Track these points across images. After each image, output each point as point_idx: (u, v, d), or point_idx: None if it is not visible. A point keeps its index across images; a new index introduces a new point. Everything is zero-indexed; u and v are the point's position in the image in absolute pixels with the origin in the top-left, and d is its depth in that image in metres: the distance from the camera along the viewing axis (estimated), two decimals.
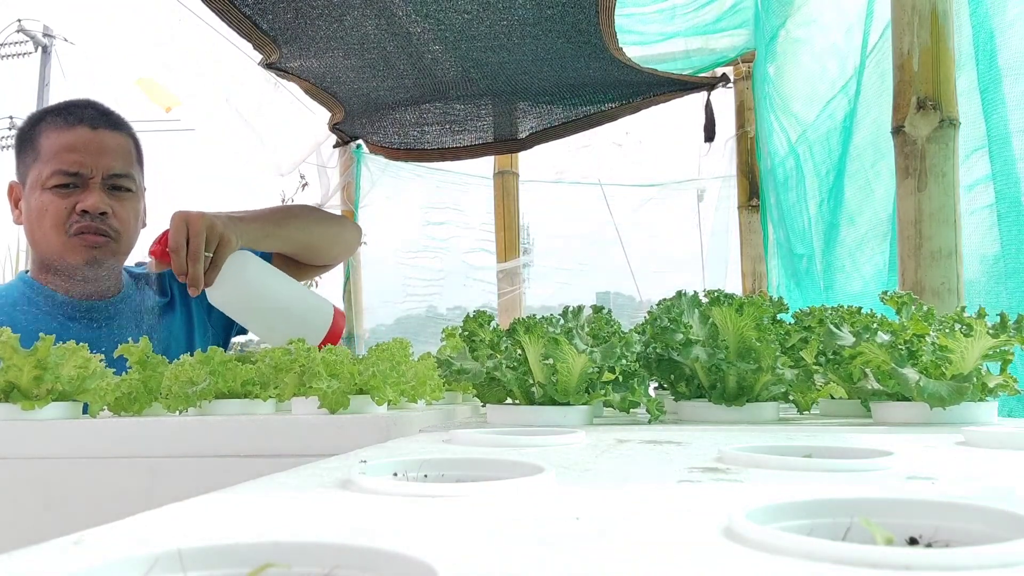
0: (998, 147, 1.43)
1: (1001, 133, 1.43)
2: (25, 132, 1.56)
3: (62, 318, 1.54)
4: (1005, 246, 1.42)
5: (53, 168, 1.48)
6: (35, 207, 1.50)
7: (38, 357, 0.98)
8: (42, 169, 1.49)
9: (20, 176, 1.56)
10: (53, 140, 1.51)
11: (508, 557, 0.30)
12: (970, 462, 0.56)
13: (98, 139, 1.53)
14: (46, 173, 1.48)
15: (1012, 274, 1.40)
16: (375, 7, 1.93)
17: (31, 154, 1.52)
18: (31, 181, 1.52)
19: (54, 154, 1.49)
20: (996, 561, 0.27)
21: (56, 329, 1.28)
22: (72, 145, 1.50)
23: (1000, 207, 1.43)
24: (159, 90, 3.38)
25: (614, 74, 2.40)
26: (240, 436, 0.89)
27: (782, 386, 0.95)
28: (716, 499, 0.43)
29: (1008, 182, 1.41)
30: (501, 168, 3.96)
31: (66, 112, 1.54)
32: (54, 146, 1.50)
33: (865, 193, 2.10)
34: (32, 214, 1.51)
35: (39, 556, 0.31)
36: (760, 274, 3.23)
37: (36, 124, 1.55)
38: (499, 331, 0.97)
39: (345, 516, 0.39)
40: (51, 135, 1.51)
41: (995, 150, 1.43)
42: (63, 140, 1.50)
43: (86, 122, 1.53)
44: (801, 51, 2.59)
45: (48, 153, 1.50)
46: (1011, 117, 1.41)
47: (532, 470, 0.47)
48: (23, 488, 0.91)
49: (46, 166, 1.49)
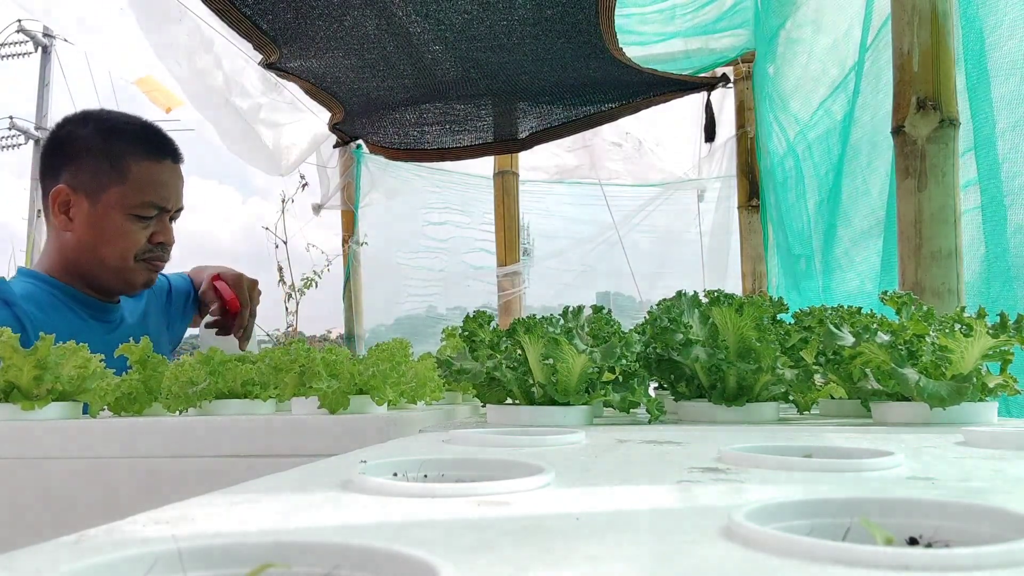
0: (984, 149, 1.43)
1: (987, 135, 1.43)
2: (93, 142, 1.55)
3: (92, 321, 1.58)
4: (990, 248, 1.42)
5: (145, 199, 1.53)
6: (111, 228, 1.53)
7: (38, 357, 0.98)
8: (128, 194, 1.52)
9: (80, 186, 1.53)
10: (145, 170, 1.55)
11: (508, 557, 0.30)
12: (970, 462, 0.56)
13: (177, 174, 1.61)
14: (135, 201, 1.53)
15: (996, 275, 1.41)
16: (375, 7, 1.93)
17: (110, 173, 1.53)
18: (109, 201, 1.52)
19: (146, 185, 1.54)
20: (996, 561, 0.27)
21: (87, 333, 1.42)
22: (164, 181, 1.57)
23: (986, 209, 1.43)
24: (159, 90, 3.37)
25: (614, 74, 2.40)
26: (240, 436, 0.89)
27: (782, 386, 0.95)
28: (716, 499, 0.43)
29: (993, 183, 1.42)
30: (501, 168, 3.96)
31: (151, 142, 1.58)
32: (146, 177, 1.54)
33: (862, 193, 2.10)
34: (104, 233, 1.53)
35: (39, 556, 0.31)
36: (760, 274, 3.23)
37: (110, 139, 1.55)
38: (499, 331, 0.97)
39: (345, 516, 0.39)
40: (142, 164, 1.55)
41: (981, 152, 1.43)
42: (155, 173, 1.56)
43: (169, 156, 1.59)
44: (800, 51, 2.59)
45: (138, 182, 1.53)
46: (998, 118, 1.41)
47: (532, 470, 0.47)
48: (23, 488, 0.91)
49: (136, 194, 1.53)
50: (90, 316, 1.57)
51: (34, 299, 1.50)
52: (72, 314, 1.54)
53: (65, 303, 1.54)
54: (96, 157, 1.53)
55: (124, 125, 1.60)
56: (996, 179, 1.41)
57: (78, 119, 1.60)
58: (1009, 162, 1.39)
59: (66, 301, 1.55)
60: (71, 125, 1.58)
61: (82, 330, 1.51)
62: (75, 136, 1.56)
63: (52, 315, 1.50)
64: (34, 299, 1.50)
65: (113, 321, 1.62)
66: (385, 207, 4.28)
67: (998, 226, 1.41)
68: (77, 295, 1.57)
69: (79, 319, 1.55)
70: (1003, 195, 1.40)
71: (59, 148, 1.57)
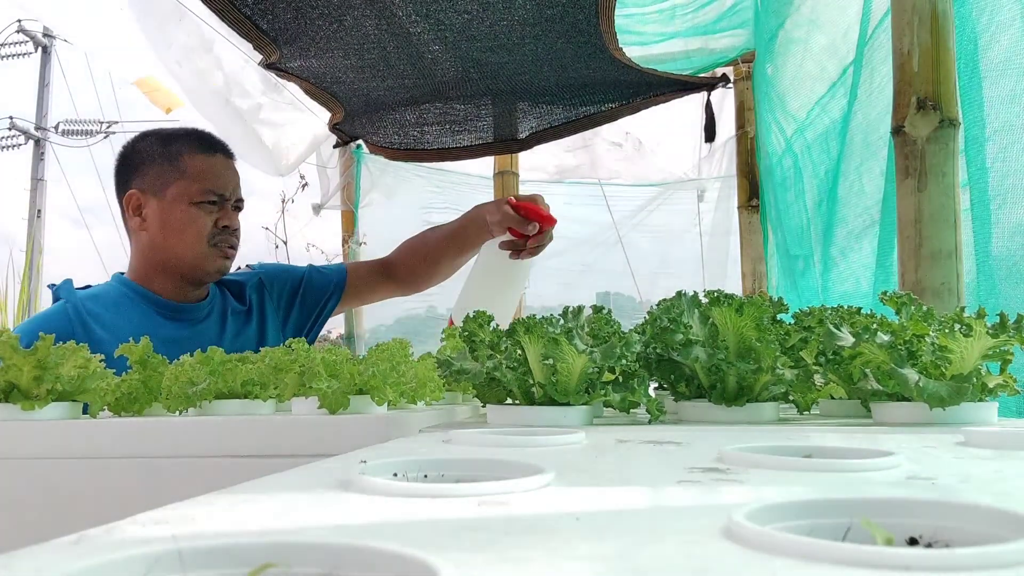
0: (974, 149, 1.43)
1: (978, 135, 1.43)
2: (154, 148, 1.74)
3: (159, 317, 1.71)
4: (979, 248, 1.42)
5: (204, 187, 1.70)
6: (178, 218, 1.69)
7: (38, 357, 0.98)
8: (189, 186, 1.69)
9: (148, 187, 1.72)
10: (200, 163, 1.72)
11: (508, 557, 0.30)
12: (970, 462, 0.56)
13: (232, 167, 1.79)
14: (195, 190, 1.69)
15: (985, 277, 1.41)
16: (375, 7, 1.93)
17: (171, 171, 1.71)
18: (173, 195, 1.69)
19: (203, 175, 1.71)
20: (996, 561, 0.27)
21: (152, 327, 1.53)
22: (218, 171, 1.74)
23: (975, 209, 1.43)
24: (159, 90, 3.37)
25: (614, 74, 2.40)
26: (240, 436, 0.89)
27: (782, 386, 0.95)
28: (716, 499, 0.43)
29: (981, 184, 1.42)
30: (501, 168, 3.95)
31: (203, 140, 1.77)
32: (202, 168, 1.72)
33: (858, 192, 2.11)
34: (173, 224, 1.70)
35: (39, 556, 0.31)
36: (760, 274, 3.23)
37: (168, 144, 1.74)
38: (499, 331, 0.97)
39: (345, 516, 0.39)
40: (196, 158, 1.72)
41: (971, 152, 1.44)
42: (210, 165, 1.73)
43: (220, 151, 1.77)
44: (798, 51, 2.59)
45: (196, 173, 1.71)
46: (988, 121, 1.41)
47: (532, 470, 0.47)
48: (23, 488, 0.91)
49: (194, 184, 1.69)
50: (157, 313, 1.71)
51: (100, 297, 1.68)
52: (137, 311, 1.69)
53: (134, 301, 1.70)
54: (158, 161, 1.73)
55: (178, 131, 1.82)
56: (983, 180, 1.41)
57: (139, 136, 1.81)
58: (1000, 162, 1.40)
59: (135, 300, 1.70)
60: (134, 141, 1.80)
61: (147, 326, 1.62)
62: (138, 149, 1.76)
63: (116, 311, 1.66)
64: (100, 297, 1.68)
65: (185, 320, 1.74)
66: (385, 207, 4.28)
67: (985, 225, 1.41)
68: (148, 295, 1.71)
69: (144, 316, 1.69)
70: (990, 198, 1.40)
71: (126, 162, 1.77)
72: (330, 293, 1.95)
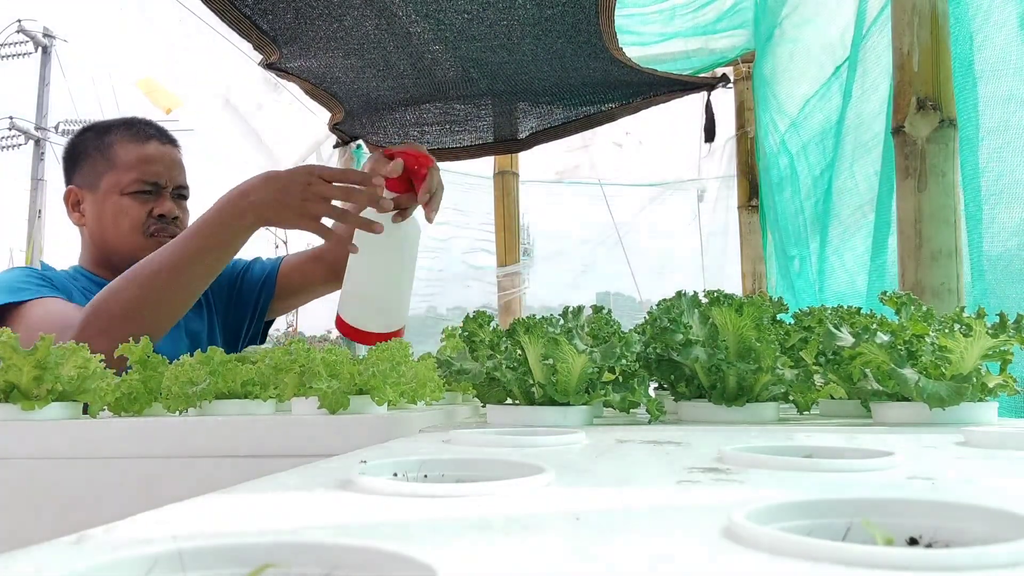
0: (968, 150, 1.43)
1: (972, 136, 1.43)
2: (90, 142, 1.71)
3: None
4: (972, 248, 1.42)
5: (134, 177, 1.65)
6: (111, 210, 1.66)
7: (38, 357, 0.97)
8: (120, 177, 1.66)
9: (84, 182, 1.70)
10: (131, 152, 1.68)
11: (508, 557, 0.30)
12: (970, 462, 0.56)
13: (169, 154, 1.73)
14: (126, 180, 1.65)
15: (978, 278, 1.41)
16: (375, 7, 1.93)
17: (102, 163, 1.68)
18: (106, 187, 1.67)
19: (134, 165, 1.67)
20: (996, 561, 0.27)
21: None
22: (150, 158, 1.68)
23: (969, 209, 1.43)
24: (160, 91, 3.38)
25: (614, 74, 2.40)
26: (240, 436, 0.89)
27: (782, 386, 0.95)
28: (716, 499, 0.43)
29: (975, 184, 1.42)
30: (501, 168, 3.95)
31: (135, 128, 1.72)
32: (132, 157, 1.67)
33: (853, 191, 2.11)
34: (107, 217, 1.67)
35: (39, 556, 0.31)
36: (760, 274, 3.23)
37: (103, 136, 1.70)
38: (499, 331, 0.97)
39: (345, 516, 0.39)
40: (127, 147, 1.68)
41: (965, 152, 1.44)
42: (141, 153, 1.68)
43: (155, 138, 1.72)
44: (795, 50, 2.60)
45: (127, 163, 1.66)
46: (982, 121, 1.42)
47: (532, 470, 0.47)
48: (23, 488, 0.91)
49: (125, 174, 1.66)
50: None
51: (60, 278, 1.65)
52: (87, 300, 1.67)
53: (87, 289, 1.66)
54: (92, 154, 1.70)
55: (114, 122, 1.76)
56: (976, 181, 1.41)
57: (80, 131, 1.78)
58: (995, 162, 1.40)
59: (90, 288, 1.65)
60: (74, 136, 1.77)
61: None
62: (76, 144, 1.74)
63: (70, 296, 1.61)
64: (60, 278, 1.65)
65: None
66: None
67: (977, 225, 1.41)
68: (102, 283, 1.67)
69: None
70: (982, 198, 1.40)
71: (67, 157, 1.75)
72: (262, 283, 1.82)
